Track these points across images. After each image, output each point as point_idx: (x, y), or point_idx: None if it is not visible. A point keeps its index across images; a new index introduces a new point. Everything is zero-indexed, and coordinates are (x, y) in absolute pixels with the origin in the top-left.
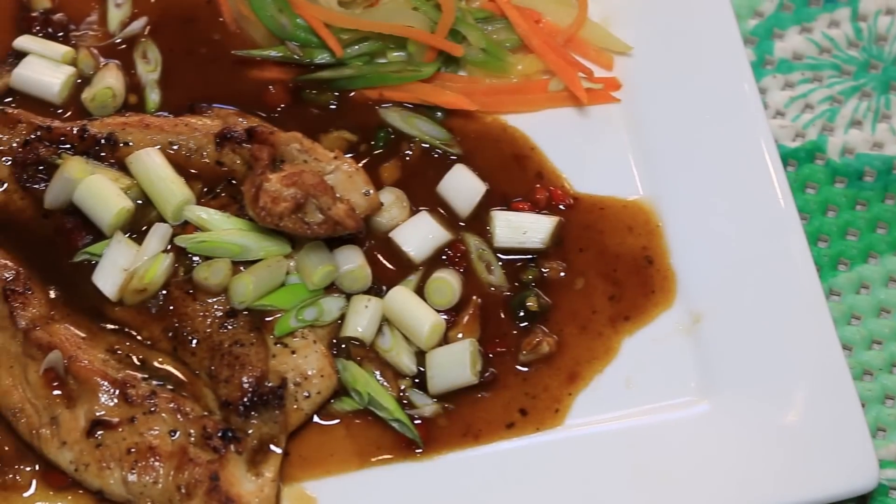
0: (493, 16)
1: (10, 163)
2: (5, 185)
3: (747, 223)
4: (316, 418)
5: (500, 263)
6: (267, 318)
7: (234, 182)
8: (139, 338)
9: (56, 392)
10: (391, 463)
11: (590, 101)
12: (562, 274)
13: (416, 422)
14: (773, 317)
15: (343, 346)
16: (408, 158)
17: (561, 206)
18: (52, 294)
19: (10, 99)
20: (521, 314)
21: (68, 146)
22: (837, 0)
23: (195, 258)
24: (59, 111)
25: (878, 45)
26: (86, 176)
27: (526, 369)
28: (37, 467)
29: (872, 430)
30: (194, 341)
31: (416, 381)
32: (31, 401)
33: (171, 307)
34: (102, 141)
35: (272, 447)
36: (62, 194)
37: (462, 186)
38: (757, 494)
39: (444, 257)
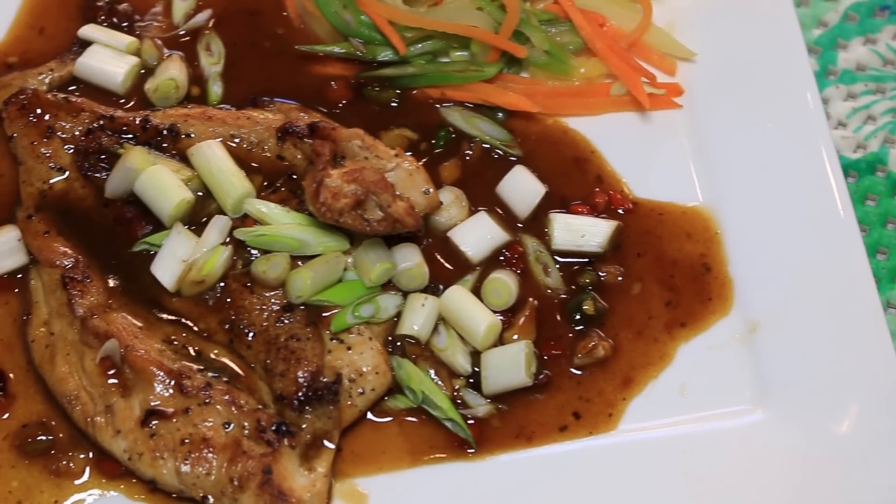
0: (558, 18)
1: (72, 151)
2: (67, 173)
3: (806, 233)
4: (369, 415)
5: (558, 266)
6: (323, 314)
7: (294, 177)
8: (196, 329)
9: (112, 381)
10: (443, 462)
11: (652, 107)
12: (619, 278)
13: (469, 422)
14: (830, 328)
15: (398, 343)
16: (468, 158)
17: (620, 211)
18: (111, 283)
19: (73, 87)
20: (577, 317)
21: (130, 136)
22: None
23: (254, 251)
24: (122, 101)
25: None
26: (147, 166)
27: (580, 373)
28: (90, 455)
29: None
30: (250, 334)
31: (471, 381)
32: (86, 388)
33: (229, 300)
34: (164, 132)
35: (325, 442)
36: (123, 184)
37: (521, 188)
38: None
39: (501, 258)
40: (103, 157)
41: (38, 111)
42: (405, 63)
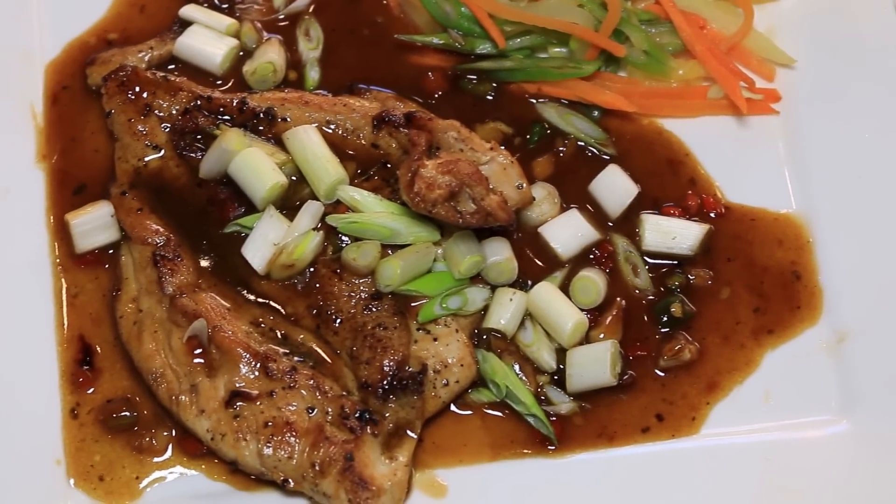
0: (658, 19)
1: (168, 129)
2: (162, 151)
3: None
4: (452, 407)
5: (647, 267)
6: (411, 304)
7: (388, 165)
8: (283, 313)
9: (198, 360)
10: (524, 458)
11: (749, 111)
12: (708, 282)
13: (552, 419)
14: None
15: (484, 337)
16: (561, 155)
17: (712, 214)
18: (201, 263)
19: (172, 66)
20: (665, 319)
21: (227, 117)
22: None
23: (344, 238)
24: (219, 82)
25: None
26: (242, 148)
27: (665, 375)
28: (173, 433)
29: None
30: (338, 321)
31: (555, 377)
32: (172, 367)
33: (318, 285)
34: (261, 115)
35: (408, 432)
36: (218, 165)
37: (614, 187)
38: None
39: (591, 256)
40: (199, 137)
41: (137, 88)
42: (503, 57)
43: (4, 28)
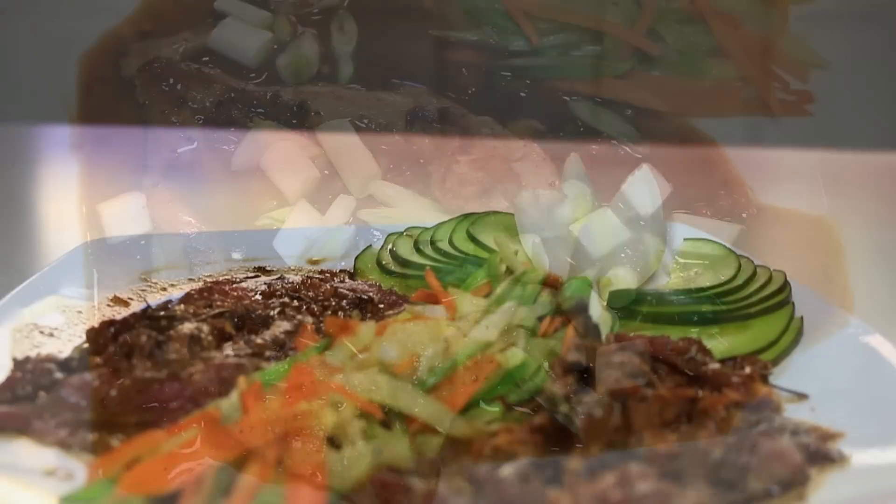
0: (692, 18)
1: (202, 121)
2: (196, 143)
3: None
4: (480, 403)
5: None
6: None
7: (420, 161)
8: (314, 307)
9: (227, 352)
10: (550, 455)
11: (781, 113)
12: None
13: (580, 417)
14: None
15: (514, 333)
16: (593, 153)
17: (743, 215)
18: (232, 255)
19: (206, 59)
20: (695, 319)
21: (260, 110)
22: None
23: (376, 233)
24: (253, 75)
25: None
26: (275, 141)
27: (694, 375)
28: (202, 424)
29: None
30: (368, 314)
31: (584, 375)
32: (202, 357)
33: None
34: (294, 108)
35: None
36: (250, 157)
37: (645, 185)
38: None
39: (622, 255)
40: (232, 129)
41: (171, 80)
42: (537, 54)
43: (40, 18)
